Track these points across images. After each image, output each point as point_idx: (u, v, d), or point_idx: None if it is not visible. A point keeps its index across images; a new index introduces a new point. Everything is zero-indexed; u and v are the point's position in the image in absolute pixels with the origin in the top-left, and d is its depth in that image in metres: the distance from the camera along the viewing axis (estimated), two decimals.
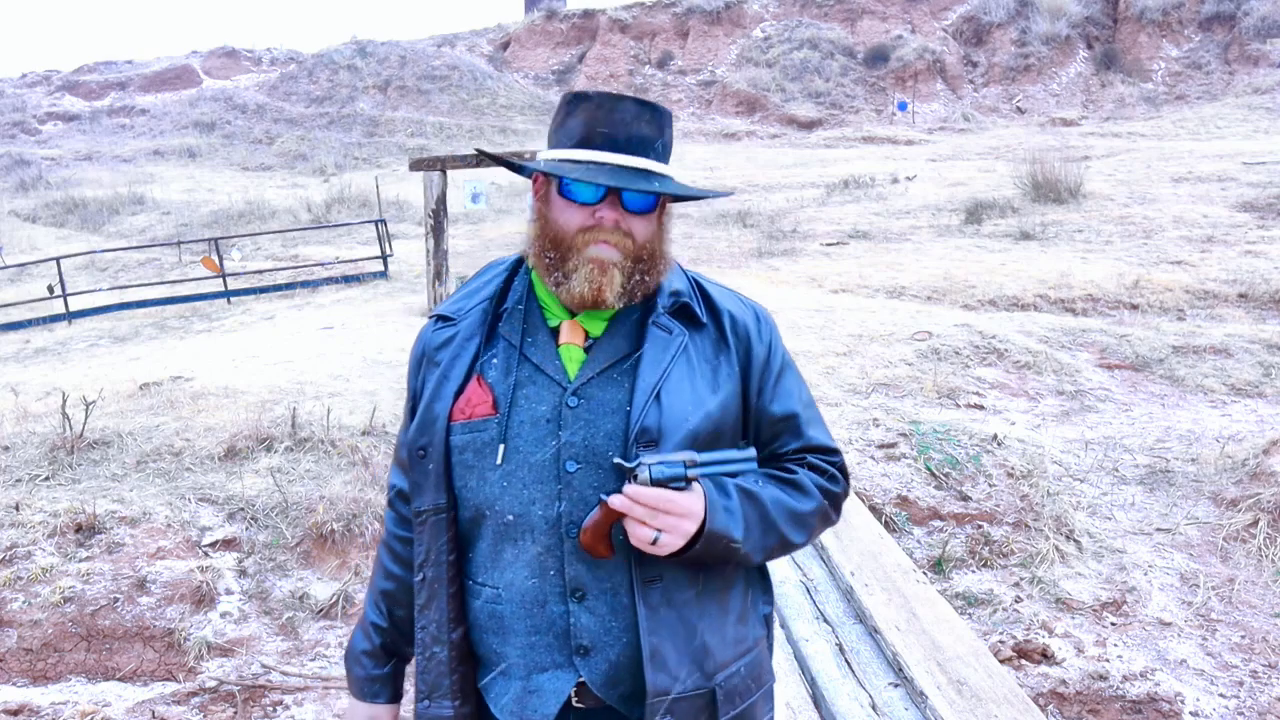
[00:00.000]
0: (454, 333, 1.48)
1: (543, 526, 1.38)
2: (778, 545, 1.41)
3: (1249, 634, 3.62)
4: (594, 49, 36.02)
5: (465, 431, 1.41)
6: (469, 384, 1.43)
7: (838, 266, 11.39)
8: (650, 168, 1.39)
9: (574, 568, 1.37)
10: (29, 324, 13.08)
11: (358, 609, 3.90)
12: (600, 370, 1.41)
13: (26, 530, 3.99)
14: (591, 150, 1.38)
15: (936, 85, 31.48)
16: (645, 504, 1.29)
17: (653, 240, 1.42)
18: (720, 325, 1.47)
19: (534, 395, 1.40)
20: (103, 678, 3.53)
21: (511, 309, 1.47)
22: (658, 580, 1.37)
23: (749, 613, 1.48)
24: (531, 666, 1.40)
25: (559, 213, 1.41)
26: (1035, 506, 4.51)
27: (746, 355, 1.47)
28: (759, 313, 1.53)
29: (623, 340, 1.43)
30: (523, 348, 1.43)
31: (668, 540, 1.30)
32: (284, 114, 34.33)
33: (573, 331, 1.43)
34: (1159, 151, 18.85)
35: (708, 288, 1.52)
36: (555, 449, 1.38)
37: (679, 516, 1.29)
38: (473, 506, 1.42)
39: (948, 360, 6.87)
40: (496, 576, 1.42)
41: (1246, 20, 28.27)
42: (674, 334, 1.42)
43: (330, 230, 18.12)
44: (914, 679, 2.95)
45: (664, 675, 1.35)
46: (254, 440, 4.93)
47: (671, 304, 1.45)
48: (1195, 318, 8.69)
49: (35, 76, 41.34)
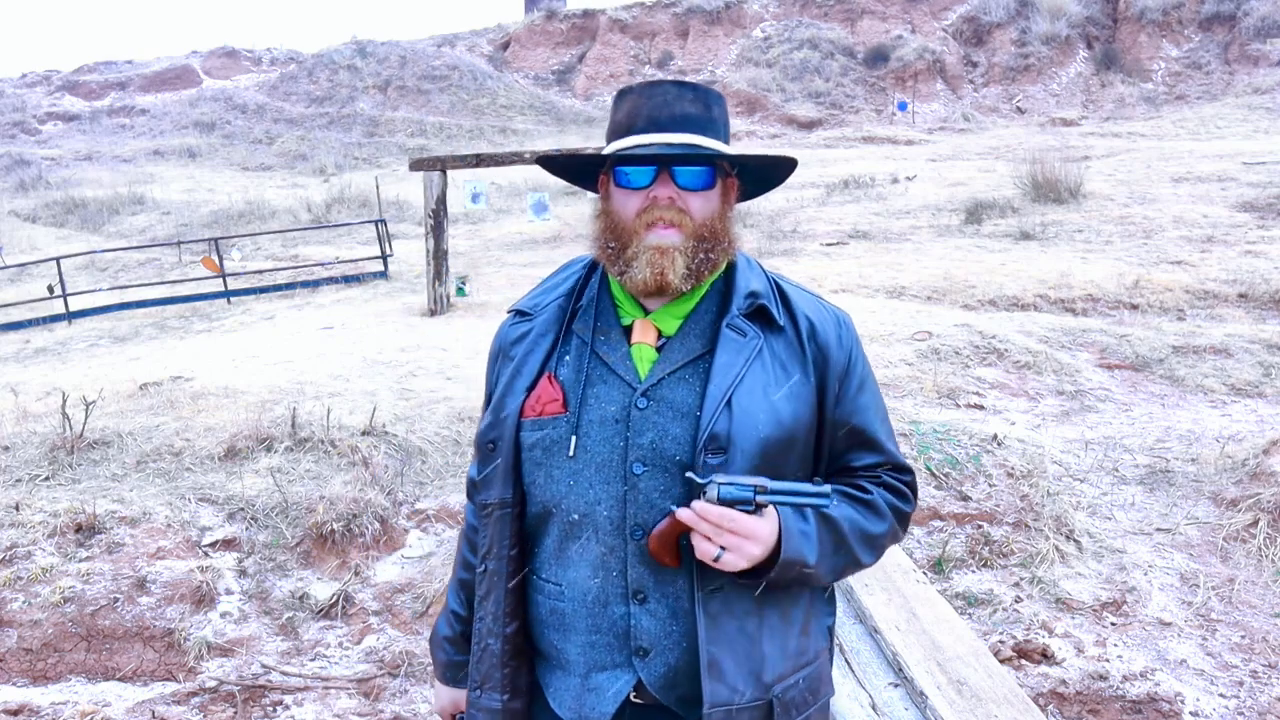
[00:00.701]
0: (529, 328, 1.48)
1: (607, 527, 1.38)
2: (849, 565, 1.41)
3: (1249, 634, 3.62)
4: (594, 49, 36.02)
5: (535, 428, 1.41)
6: (540, 381, 1.43)
7: (838, 266, 11.39)
8: (698, 142, 1.38)
9: (636, 570, 1.37)
10: (29, 324, 13.07)
11: (358, 608, 3.90)
12: (671, 371, 1.39)
13: (26, 530, 3.99)
14: (637, 135, 1.39)
15: (936, 85, 31.48)
16: (711, 521, 1.28)
17: (714, 219, 1.41)
18: (798, 330, 1.44)
19: (604, 395, 1.40)
20: (103, 678, 3.53)
21: (586, 306, 1.47)
22: (719, 590, 1.35)
23: (811, 624, 1.47)
24: (591, 665, 1.40)
25: (617, 202, 1.41)
26: (1035, 506, 4.51)
27: (824, 363, 1.43)
28: (840, 318, 1.49)
29: (696, 340, 1.41)
30: (595, 345, 1.43)
31: (730, 559, 1.28)
32: (284, 114, 34.32)
33: (645, 330, 1.42)
34: (1159, 151, 18.85)
35: (787, 289, 1.49)
36: (623, 450, 1.37)
37: (743, 538, 1.28)
38: (540, 503, 1.42)
39: (948, 360, 6.87)
40: (560, 573, 1.42)
41: (1246, 20, 28.26)
42: (749, 337, 1.39)
43: (330, 230, 18.12)
44: (914, 679, 2.95)
45: (722, 686, 1.34)
46: (254, 440, 4.93)
47: (748, 306, 1.42)
48: (1195, 318, 8.69)
49: (35, 76, 41.33)
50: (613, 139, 1.43)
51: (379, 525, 4.29)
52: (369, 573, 4.10)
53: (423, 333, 8.65)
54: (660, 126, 1.38)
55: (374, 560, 4.18)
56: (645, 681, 1.38)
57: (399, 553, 4.27)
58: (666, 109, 1.38)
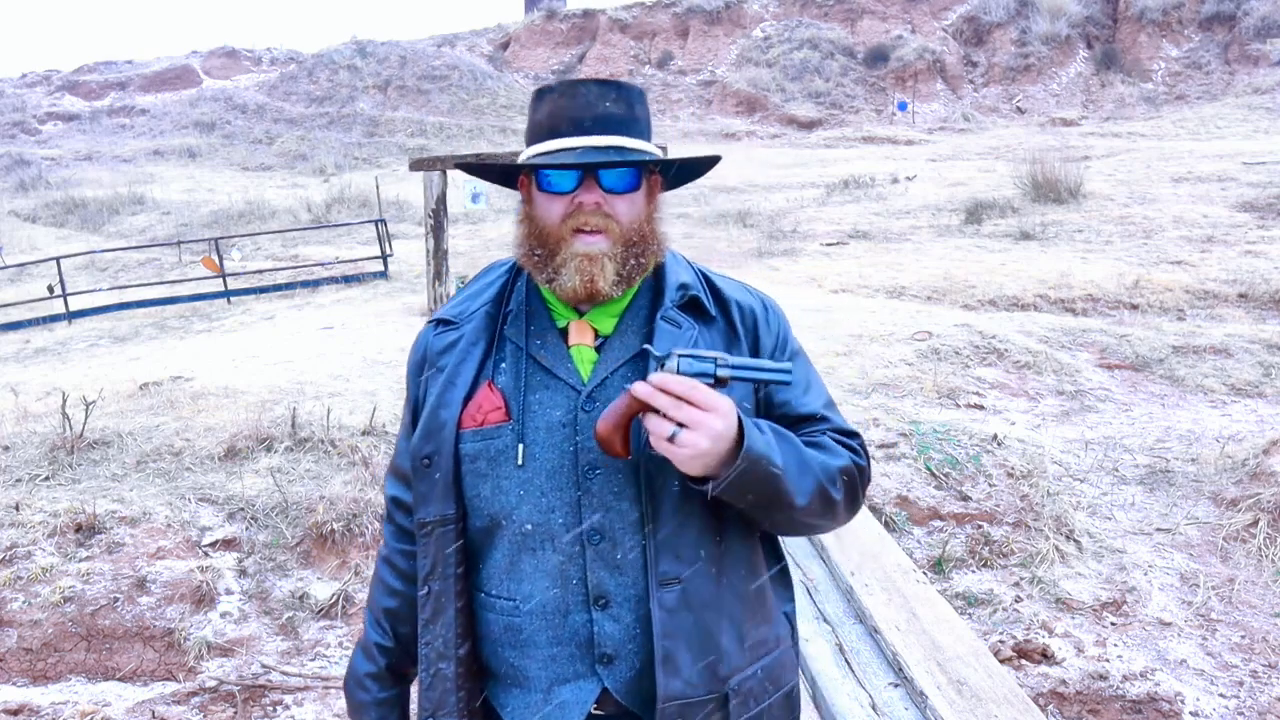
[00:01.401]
0: (457, 336, 1.42)
1: (564, 535, 1.33)
2: (817, 492, 1.30)
3: (1249, 634, 3.62)
4: (594, 49, 36.03)
5: (477, 439, 1.36)
6: (479, 390, 1.38)
7: (838, 266, 11.39)
8: (623, 144, 1.34)
9: (596, 574, 1.33)
10: (29, 324, 13.07)
11: (358, 608, 3.90)
12: (613, 370, 1.36)
13: (26, 530, 3.99)
14: (560, 138, 1.34)
15: (936, 85, 31.49)
16: (670, 391, 1.21)
17: (641, 220, 1.37)
18: (729, 318, 1.43)
19: (548, 400, 1.36)
20: (103, 678, 3.53)
21: (517, 311, 1.42)
22: (676, 582, 1.32)
23: (772, 611, 1.44)
24: (553, 679, 1.36)
25: (541, 207, 1.37)
26: (1035, 506, 4.51)
27: (757, 347, 1.43)
28: (766, 303, 1.49)
29: (634, 337, 1.39)
30: (532, 350, 1.39)
31: (689, 437, 1.20)
32: (284, 114, 34.33)
33: (581, 331, 1.39)
34: (1159, 151, 18.86)
35: (715, 280, 1.48)
36: (573, 455, 1.33)
37: (705, 411, 1.20)
38: (486, 516, 1.37)
39: (948, 360, 6.87)
40: (513, 588, 1.37)
41: (1246, 20, 28.27)
42: (684, 328, 1.38)
43: (330, 230, 18.12)
44: (914, 679, 2.95)
45: (676, 680, 1.31)
46: (254, 440, 4.93)
47: (680, 297, 1.41)
48: (1195, 318, 8.69)
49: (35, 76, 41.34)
50: (534, 141, 1.38)
51: (379, 525, 4.29)
52: (369, 573, 4.10)
53: None
54: (584, 129, 1.34)
55: (374, 560, 4.18)
56: (611, 688, 1.34)
57: None
58: (589, 110, 1.34)
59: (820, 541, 3.95)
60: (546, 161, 1.31)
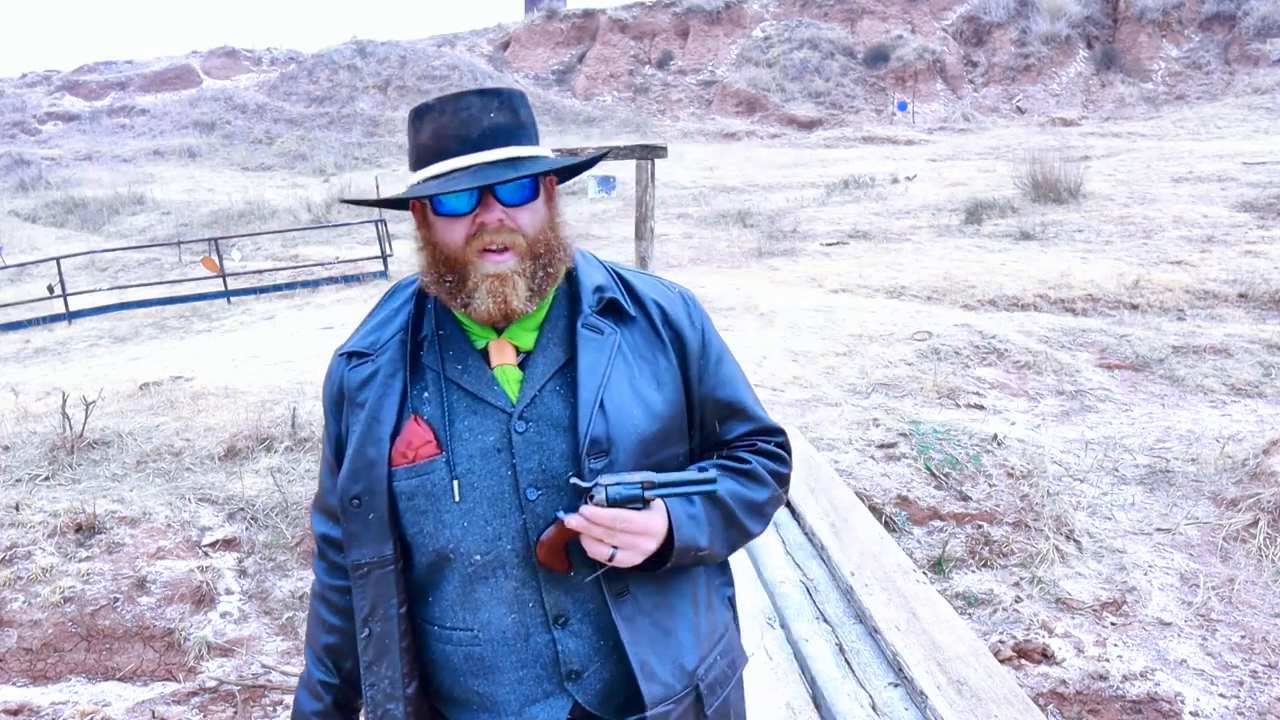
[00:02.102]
0: (374, 369, 1.37)
1: (514, 560, 1.32)
2: (740, 537, 1.41)
3: (1249, 634, 3.62)
4: (594, 49, 36.04)
5: (411, 476, 1.32)
6: (405, 424, 1.33)
7: (838, 266, 11.39)
8: (516, 154, 1.31)
9: (553, 596, 1.33)
10: (29, 324, 13.08)
11: None
12: (540, 387, 1.34)
13: (26, 530, 3.99)
14: (450, 159, 1.29)
15: (936, 85, 31.49)
16: (601, 524, 1.25)
17: (544, 229, 1.34)
18: (650, 317, 1.41)
19: (478, 426, 1.33)
20: (103, 678, 3.53)
21: (432, 336, 1.38)
22: (625, 593, 1.34)
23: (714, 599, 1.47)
24: (524, 700, 1.35)
25: (441, 232, 1.32)
26: (1035, 506, 4.51)
27: (681, 344, 1.41)
28: (686, 297, 1.47)
29: (556, 349, 1.36)
30: (454, 376, 1.35)
31: (625, 557, 1.27)
32: (284, 114, 34.34)
33: (502, 351, 1.36)
34: (1159, 151, 18.86)
35: (629, 278, 1.45)
36: (512, 478, 1.32)
37: (636, 535, 1.27)
38: (432, 551, 1.34)
39: (948, 360, 6.87)
40: (470, 618, 1.35)
41: (1246, 20, 28.28)
42: (606, 334, 1.36)
43: (330, 230, 18.13)
44: (914, 679, 2.95)
45: (657, 685, 1.33)
46: (254, 440, 4.93)
47: (597, 302, 1.38)
48: (1195, 318, 8.69)
49: (35, 76, 41.35)
50: (422, 164, 1.32)
51: None
52: None
53: None
54: (473, 145, 1.29)
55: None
56: (582, 702, 1.35)
57: None
58: (475, 125, 1.29)
59: (820, 541, 3.95)
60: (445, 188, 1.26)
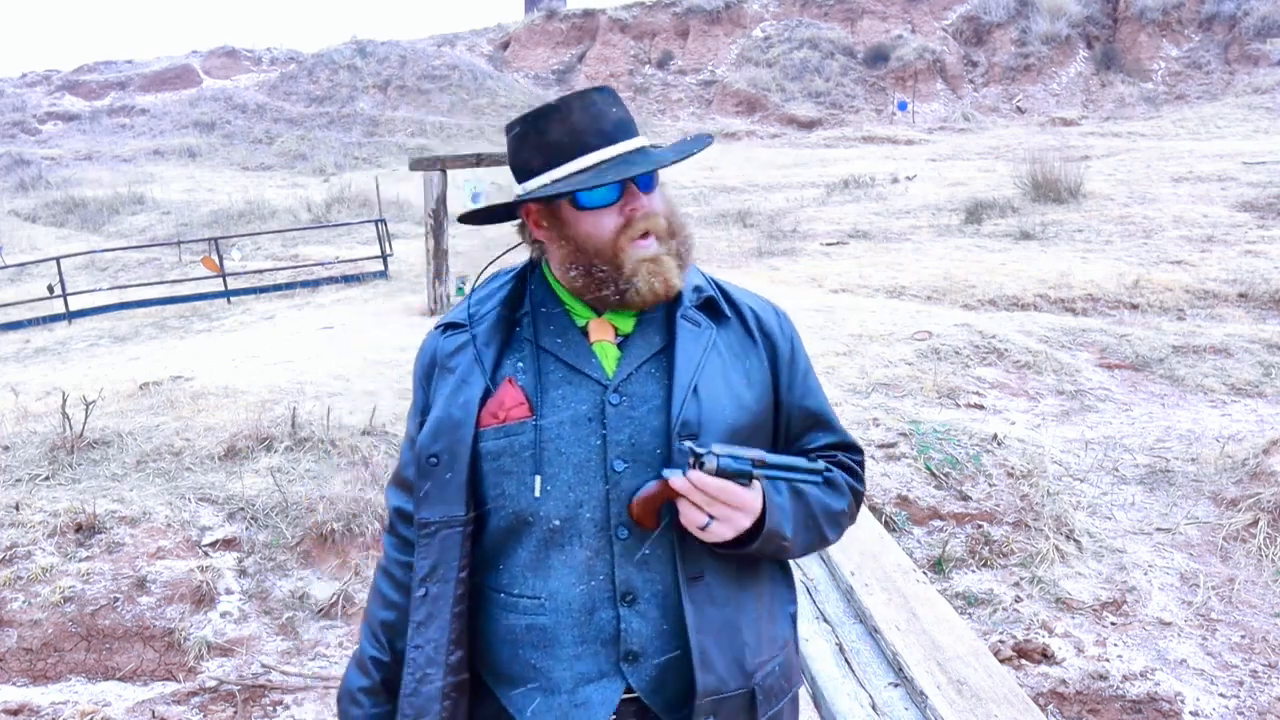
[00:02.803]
0: (468, 338, 1.42)
1: (591, 529, 1.33)
2: (816, 541, 1.43)
3: (1249, 634, 3.62)
4: (594, 49, 36.02)
5: (499, 436, 1.35)
6: (499, 387, 1.37)
7: (838, 266, 11.39)
8: (642, 144, 1.39)
9: (624, 570, 1.33)
10: (29, 324, 13.07)
11: (358, 608, 3.90)
12: (638, 365, 1.38)
13: (26, 530, 3.99)
14: (592, 153, 1.35)
15: (936, 85, 31.48)
16: (706, 491, 1.26)
17: (671, 211, 1.42)
18: (744, 321, 1.47)
19: (571, 395, 1.36)
20: (103, 678, 3.53)
21: (534, 312, 1.43)
22: (700, 578, 1.34)
23: (777, 611, 1.47)
24: (579, 678, 1.34)
25: (587, 226, 1.36)
26: (1035, 506, 4.51)
27: (773, 351, 1.47)
28: (777, 310, 1.54)
29: (654, 334, 1.41)
30: (552, 348, 1.39)
31: (718, 529, 1.28)
32: (284, 114, 34.32)
33: (603, 329, 1.41)
34: (1159, 151, 18.85)
35: (724, 285, 1.52)
36: (600, 448, 1.34)
37: (735, 509, 1.28)
38: (511, 514, 1.35)
39: (948, 360, 6.87)
40: (539, 586, 1.35)
41: (1246, 20, 28.26)
42: (703, 327, 1.41)
43: (330, 230, 18.12)
44: (914, 679, 2.95)
45: (712, 676, 1.32)
46: (254, 440, 4.93)
47: (697, 298, 1.43)
48: (1195, 318, 8.69)
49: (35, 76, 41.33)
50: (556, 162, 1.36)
51: (379, 525, 4.29)
52: (369, 573, 4.10)
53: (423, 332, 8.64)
54: (609, 138, 1.36)
55: (374, 560, 4.18)
56: (635, 686, 1.34)
57: None
58: (607, 119, 1.36)
59: None
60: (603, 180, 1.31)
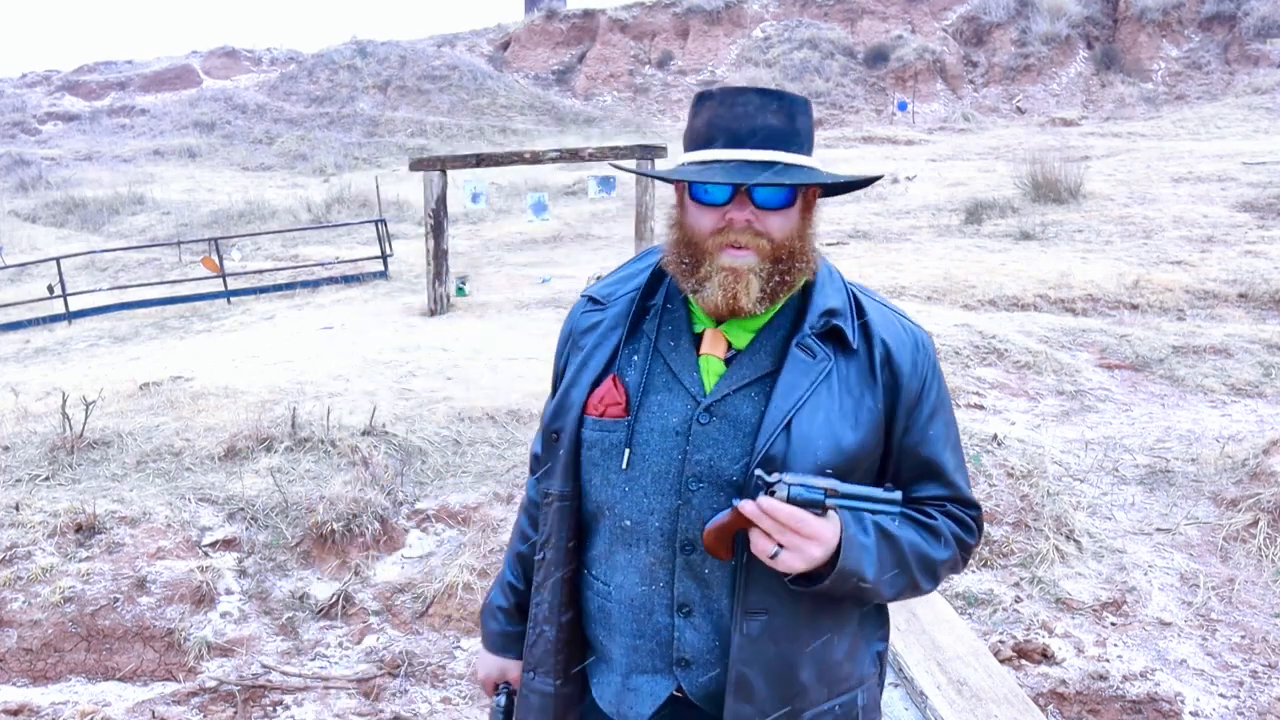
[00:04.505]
0: (600, 318, 1.46)
1: (658, 538, 1.37)
2: (907, 588, 1.36)
3: (1249, 634, 3.62)
4: (594, 49, 36.02)
5: (596, 428, 1.40)
6: (606, 379, 1.41)
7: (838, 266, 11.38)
8: (778, 159, 1.31)
9: (684, 583, 1.36)
10: (29, 324, 13.07)
11: (358, 608, 3.90)
12: (737, 388, 1.35)
13: (26, 530, 3.99)
14: (714, 149, 1.32)
15: (936, 85, 31.49)
16: (775, 518, 1.24)
17: (793, 237, 1.35)
18: (872, 353, 1.38)
19: (666, 404, 1.37)
20: (103, 678, 3.53)
21: (660, 306, 1.43)
22: (763, 613, 1.33)
23: (859, 650, 1.44)
24: (632, 667, 1.42)
25: (692, 217, 1.36)
26: (1035, 506, 4.51)
27: (896, 390, 1.37)
28: (920, 341, 1.43)
29: (765, 357, 1.37)
30: (664, 350, 1.40)
31: (788, 558, 1.25)
32: (284, 114, 34.32)
33: (715, 342, 1.39)
34: (1159, 151, 18.85)
35: (867, 307, 1.42)
36: (680, 464, 1.35)
37: (806, 539, 1.24)
38: (594, 502, 1.43)
39: (948, 360, 6.87)
40: (609, 574, 1.42)
41: (1246, 20, 28.26)
42: (818, 358, 1.35)
43: (330, 230, 18.12)
44: (914, 679, 2.95)
45: (747, 706, 1.33)
46: (254, 440, 4.93)
47: (822, 325, 1.37)
48: (1195, 318, 8.69)
49: (35, 76, 41.34)
50: (690, 148, 1.36)
51: (379, 525, 4.29)
52: (369, 573, 4.10)
53: (423, 333, 8.65)
54: (740, 141, 1.31)
55: (374, 560, 4.18)
56: (686, 689, 1.39)
57: (399, 553, 4.27)
58: (746, 122, 1.31)
59: None
60: (698, 176, 1.30)
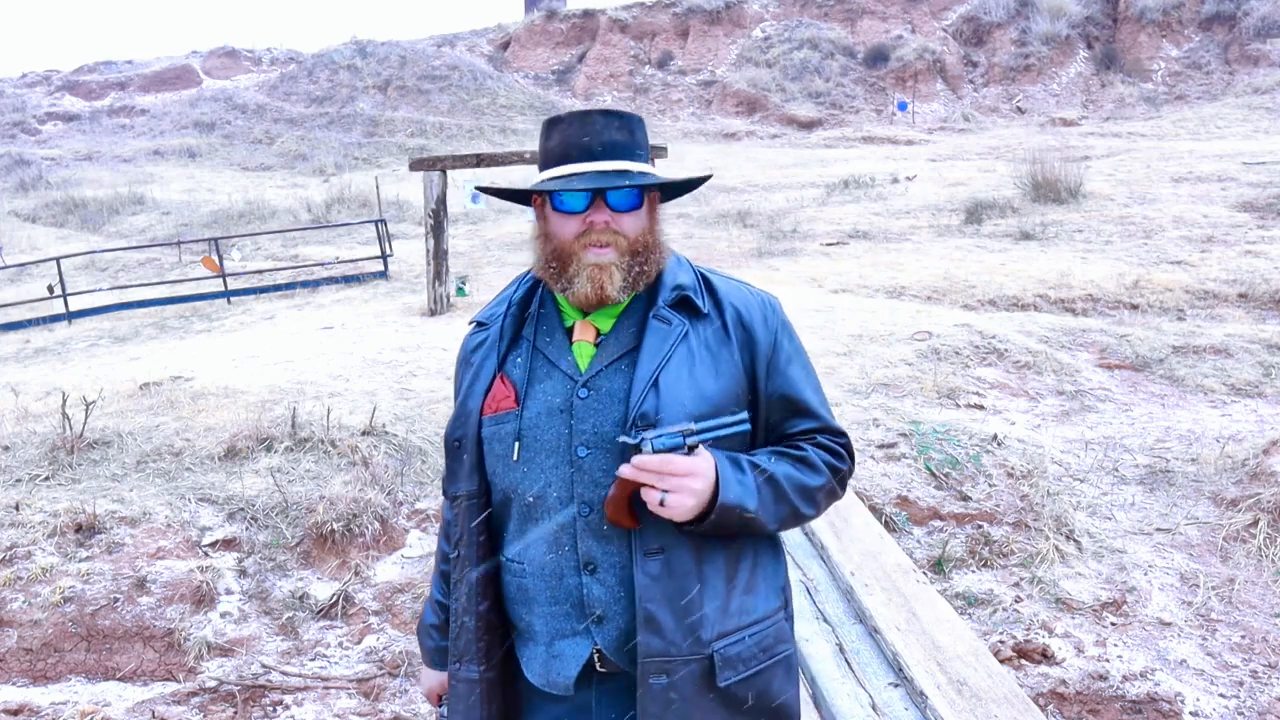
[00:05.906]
0: (485, 336, 1.66)
1: (558, 506, 1.53)
2: (790, 516, 1.53)
3: (1249, 634, 3.62)
4: (594, 49, 36.01)
5: (493, 424, 1.58)
6: (495, 381, 1.60)
7: (838, 266, 11.39)
8: (627, 168, 1.53)
9: (586, 542, 1.51)
10: (29, 324, 13.07)
11: (358, 608, 3.90)
12: (608, 363, 1.55)
13: (26, 530, 3.99)
14: (571, 164, 1.53)
15: (936, 85, 31.48)
16: (649, 469, 1.41)
17: (644, 234, 1.57)
18: (724, 316, 1.59)
19: (550, 389, 1.56)
20: (103, 678, 3.53)
21: (535, 313, 1.64)
22: (659, 552, 1.48)
23: (757, 582, 1.57)
24: (553, 634, 1.55)
25: (555, 225, 1.56)
26: (1035, 506, 4.51)
27: (751, 343, 1.58)
28: (766, 301, 1.65)
29: (628, 335, 1.57)
30: (542, 346, 1.60)
31: (675, 500, 1.41)
32: (284, 114, 34.32)
33: (584, 330, 1.59)
34: (1159, 151, 18.85)
35: (714, 281, 1.64)
36: (568, 436, 1.52)
37: (683, 476, 1.41)
38: (501, 490, 1.58)
39: (948, 360, 6.87)
40: (522, 552, 1.57)
41: (1246, 20, 28.27)
42: (673, 324, 1.55)
43: (330, 230, 18.12)
44: (914, 679, 2.95)
45: (656, 639, 1.46)
46: (254, 440, 4.93)
47: (673, 297, 1.57)
48: (1195, 318, 8.69)
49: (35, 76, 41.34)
50: (547, 166, 1.57)
51: (379, 525, 4.29)
52: (369, 573, 4.10)
53: (423, 333, 8.65)
54: (593, 155, 1.53)
55: (374, 560, 4.18)
56: (601, 646, 1.51)
57: (399, 553, 4.27)
58: (597, 138, 1.53)
59: (820, 541, 3.95)
60: (564, 187, 1.50)
